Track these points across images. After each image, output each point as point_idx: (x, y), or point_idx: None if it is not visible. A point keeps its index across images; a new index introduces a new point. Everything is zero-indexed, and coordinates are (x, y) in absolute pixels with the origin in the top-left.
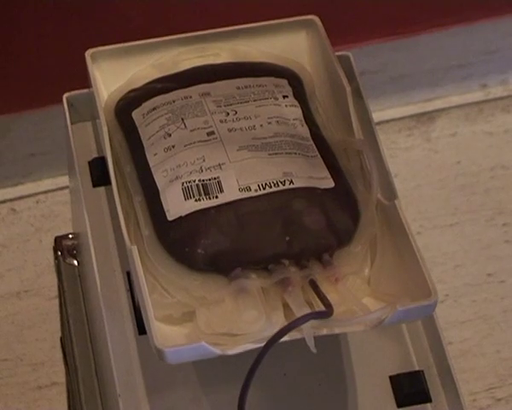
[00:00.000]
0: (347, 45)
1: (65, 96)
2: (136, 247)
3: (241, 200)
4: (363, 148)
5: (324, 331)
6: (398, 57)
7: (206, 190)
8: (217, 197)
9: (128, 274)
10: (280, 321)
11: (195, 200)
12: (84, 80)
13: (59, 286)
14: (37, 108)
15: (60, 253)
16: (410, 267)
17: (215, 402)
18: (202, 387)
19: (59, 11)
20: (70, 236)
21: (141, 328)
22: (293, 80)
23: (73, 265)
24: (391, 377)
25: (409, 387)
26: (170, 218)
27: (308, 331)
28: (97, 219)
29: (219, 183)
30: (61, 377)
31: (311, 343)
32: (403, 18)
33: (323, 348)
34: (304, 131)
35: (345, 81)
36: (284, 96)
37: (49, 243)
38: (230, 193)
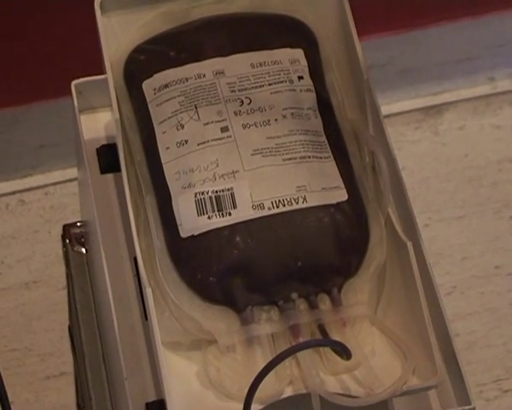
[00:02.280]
0: None
1: (73, 83)
2: (150, 290)
3: (253, 220)
4: (376, 152)
5: (329, 398)
6: (406, 50)
7: (219, 204)
8: (230, 214)
9: (135, 260)
10: (288, 377)
11: (208, 217)
12: (94, 70)
13: (67, 274)
14: (46, 100)
15: (68, 241)
16: (419, 326)
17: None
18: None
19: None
20: (78, 224)
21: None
22: (309, 47)
23: (81, 252)
24: None
25: None
26: (183, 234)
27: (315, 390)
28: (105, 205)
29: (232, 195)
30: (70, 368)
31: (317, 407)
32: (411, 11)
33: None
34: (317, 123)
35: (364, 68)
36: (299, 78)
37: (59, 234)
38: (244, 210)
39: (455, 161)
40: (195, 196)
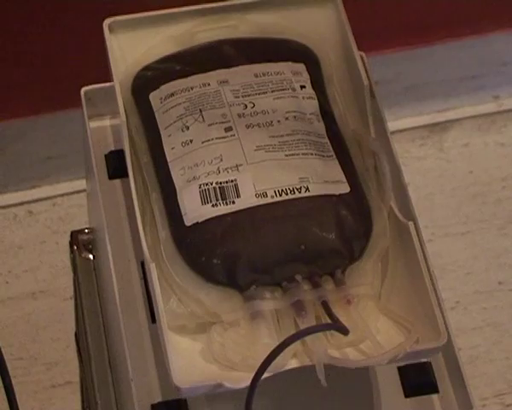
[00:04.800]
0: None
1: (83, 90)
2: (154, 264)
3: (257, 207)
4: (377, 151)
5: (334, 362)
6: (412, 67)
7: (223, 194)
8: (233, 202)
9: (142, 264)
10: (293, 349)
11: (212, 205)
12: (101, 82)
13: (74, 280)
14: (54, 111)
15: (76, 247)
16: (422, 299)
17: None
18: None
19: (77, 14)
20: (86, 230)
21: (154, 316)
22: (311, 64)
23: (89, 259)
24: (399, 368)
25: (416, 377)
26: (187, 223)
27: (320, 357)
28: (113, 210)
29: (236, 186)
30: (75, 377)
31: (321, 374)
32: (417, 28)
33: None
34: (320, 127)
35: (363, 74)
36: (302, 87)
37: (66, 244)
38: (247, 199)
39: (459, 178)
40: (200, 187)
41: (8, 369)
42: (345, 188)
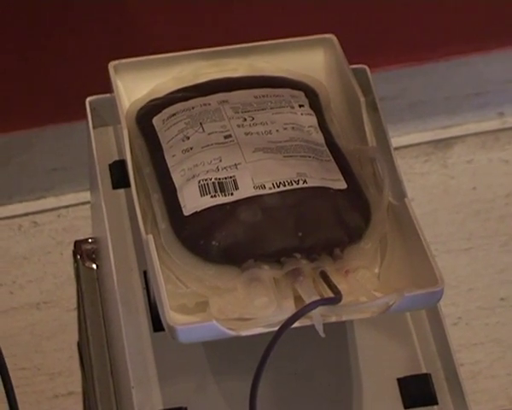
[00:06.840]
0: None
1: (88, 99)
2: (151, 236)
3: (255, 196)
4: (375, 154)
5: (333, 318)
6: (416, 84)
7: (221, 187)
8: (232, 194)
9: (145, 273)
10: (290, 308)
11: (211, 196)
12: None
13: (77, 289)
14: (59, 123)
15: (79, 257)
16: (418, 260)
17: (227, 395)
18: (214, 380)
19: (82, 26)
20: (89, 240)
21: (156, 325)
22: (310, 93)
23: (92, 268)
24: (399, 380)
25: (416, 389)
26: (186, 213)
27: (317, 318)
28: (116, 219)
29: (235, 181)
30: (78, 387)
31: (320, 329)
32: (421, 45)
33: (334, 350)
34: (318, 137)
35: (359, 93)
36: (300, 106)
37: (70, 255)
38: (245, 190)
39: (463, 194)
40: (199, 183)
41: (12, 379)
42: (342, 185)
